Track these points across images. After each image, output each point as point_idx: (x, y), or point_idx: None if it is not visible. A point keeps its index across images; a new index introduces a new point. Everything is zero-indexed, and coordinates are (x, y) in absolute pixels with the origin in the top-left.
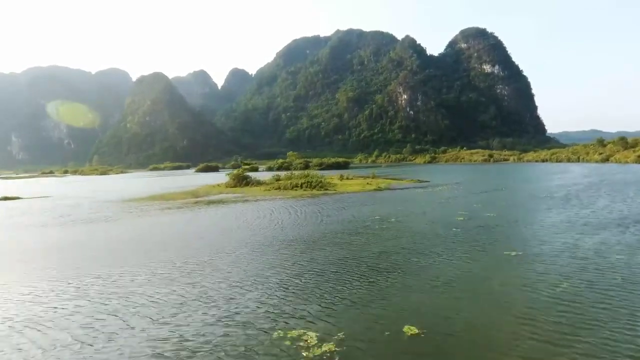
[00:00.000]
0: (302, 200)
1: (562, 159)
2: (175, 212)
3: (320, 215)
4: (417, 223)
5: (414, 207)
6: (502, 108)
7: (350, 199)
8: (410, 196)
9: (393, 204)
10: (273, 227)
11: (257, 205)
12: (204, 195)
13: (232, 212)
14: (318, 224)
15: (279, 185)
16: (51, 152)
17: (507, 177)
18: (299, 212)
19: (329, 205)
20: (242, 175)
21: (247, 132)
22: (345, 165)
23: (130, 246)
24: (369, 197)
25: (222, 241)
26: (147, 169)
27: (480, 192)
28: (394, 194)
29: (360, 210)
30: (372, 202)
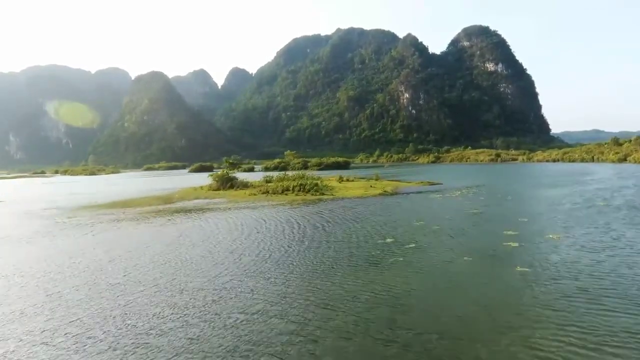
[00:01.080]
0: (290, 210)
1: (575, 159)
2: (122, 225)
3: (304, 235)
4: (453, 254)
5: (437, 221)
6: (506, 107)
7: (349, 208)
8: (426, 204)
9: (406, 215)
10: (226, 262)
11: (231, 217)
12: (178, 200)
13: (193, 228)
14: (296, 257)
15: (267, 189)
16: (49, 151)
17: (527, 178)
18: (278, 229)
19: (321, 218)
20: (227, 177)
21: (247, 131)
22: (346, 165)
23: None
24: (374, 204)
25: (131, 292)
26: (142, 169)
27: (510, 198)
28: (405, 200)
29: (363, 226)
30: (378, 212)
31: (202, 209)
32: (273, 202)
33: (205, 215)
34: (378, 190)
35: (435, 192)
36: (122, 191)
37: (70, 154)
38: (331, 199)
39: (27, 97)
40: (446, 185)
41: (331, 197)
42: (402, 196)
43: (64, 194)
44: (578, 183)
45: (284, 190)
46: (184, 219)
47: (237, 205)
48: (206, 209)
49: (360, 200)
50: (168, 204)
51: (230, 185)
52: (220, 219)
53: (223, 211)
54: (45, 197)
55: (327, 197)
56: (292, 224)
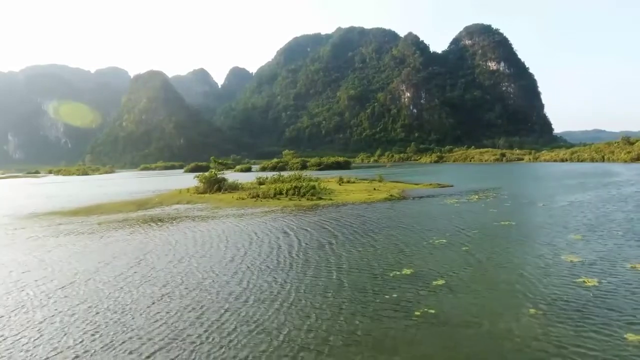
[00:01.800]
0: (280, 219)
1: (584, 159)
2: (68, 241)
3: (289, 256)
4: (505, 302)
5: (463, 238)
6: (508, 106)
7: (350, 218)
8: (442, 212)
9: (422, 228)
10: (183, 319)
11: (209, 230)
12: (155, 205)
13: (155, 249)
14: (270, 313)
15: (257, 192)
16: (48, 151)
17: (545, 179)
18: (259, 249)
19: (314, 232)
20: (214, 179)
21: (247, 131)
22: (346, 165)
23: None
24: (379, 212)
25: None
26: (138, 169)
27: (542, 205)
28: (415, 206)
29: (368, 247)
30: (385, 223)
31: (178, 218)
32: (263, 208)
33: (178, 226)
34: (383, 193)
35: (448, 196)
36: (103, 194)
37: (69, 153)
38: (330, 205)
39: (26, 97)
40: (458, 187)
41: (330, 202)
42: (412, 201)
43: (40, 196)
44: (609, 185)
45: (276, 193)
46: (149, 232)
47: (220, 213)
48: (183, 217)
49: (363, 206)
50: (141, 210)
51: (218, 188)
52: (196, 232)
53: (202, 221)
54: (17, 201)
55: (325, 203)
56: (276, 242)
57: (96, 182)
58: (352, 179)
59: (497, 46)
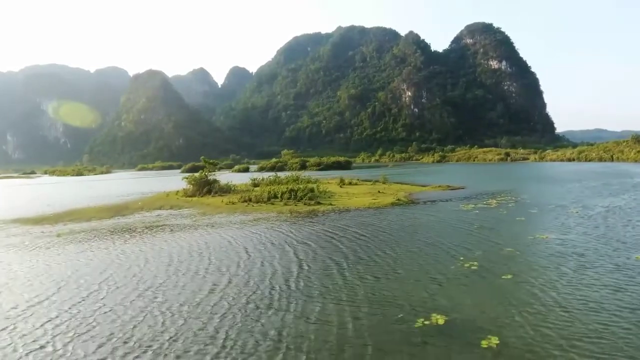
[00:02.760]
0: (274, 229)
1: (592, 158)
2: (14, 259)
3: (287, 288)
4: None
5: (497, 259)
6: (510, 105)
7: (352, 228)
8: (460, 220)
9: (444, 244)
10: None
11: (188, 244)
12: (136, 210)
13: (114, 268)
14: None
15: (250, 196)
16: (47, 151)
17: (563, 181)
18: (241, 274)
19: (316, 247)
20: (204, 180)
21: (246, 130)
22: (347, 165)
23: None
24: (387, 221)
25: None
26: (135, 169)
27: (577, 212)
28: (428, 213)
29: (382, 273)
30: (399, 238)
31: (155, 227)
32: (254, 214)
33: (152, 240)
34: (389, 197)
35: (461, 200)
36: (88, 196)
37: (68, 153)
38: (330, 211)
39: (25, 96)
40: (470, 189)
41: (329, 207)
42: (423, 207)
43: (22, 198)
44: (638, 187)
45: (270, 197)
46: (115, 248)
47: (205, 221)
48: (161, 226)
49: (368, 213)
50: (118, 216)
51: (208, 191)
52: (172, 248)
53: (182, 232)
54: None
55: (325, 208)
56: (269, 264)
57: (88, 183)
58: (353, 181)
59: (499, 45)
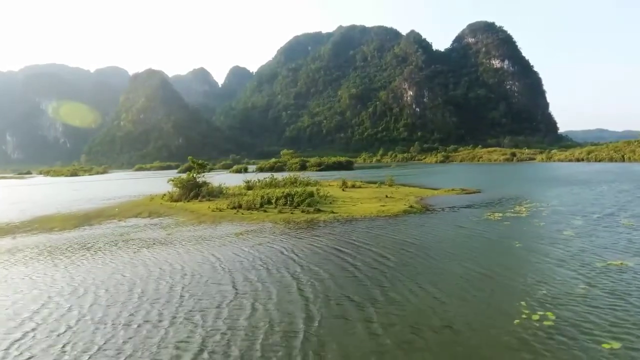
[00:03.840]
0: (266, 246)
1: (602, 158)
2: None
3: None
4: None
5: (584, 309)
6: (512, 105)
7: (366, 246)
8: (497, 236)
9: (487, 275)
10: None
11: (157, 266)
12: (109, 217)
13: (43, 315)
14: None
15: (240, 202)
16: (47, 151)
17: (585, 182)
18: (224, 324)
19: (322, 274)
20: (193, 183)
21: (246, 130)
22: (349, 166)
23: None
24: (406, 235)
25: None
26: (133, 169)
27: (626, 220)
28: (453, 224)
29: (415, 326)
30: (427, 264)
31: (121, 242)
32: (243, 224)
33: (113, 259)
34: (399, 203)
35: (483, 206)
36: (70, 200)
37: (68, 153)
38: (332, 220)
39: (25, 96)
40: (487, 193)
41: (331, 215)
42: (442, 215)
43: (3, 201)
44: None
45: (263, 203)
46: (60, 272)
47: (184, 234)
48: (128, 241)
49: (378, 223)
50: (85, 225)
51: (195, 195)
52: (135, 274)
53: (150, 248)
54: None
55: (327, 217)
56: (262, 305)
57: (80, 184)
58: (357, 183)
59: (501, 44)
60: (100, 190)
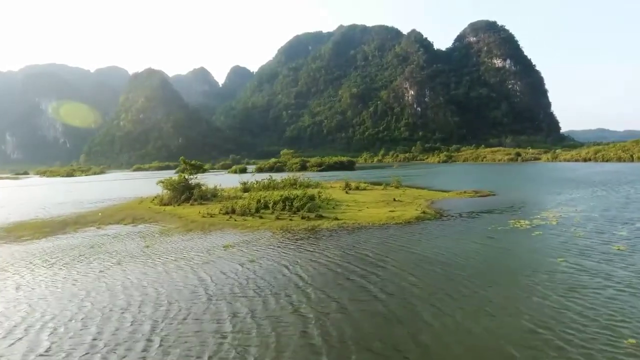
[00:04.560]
0: (262, 262)
1: (610, 158)
2: None
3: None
4: None
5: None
6: (514, 104)
7: (382, 263)
8: (538, 254)
9: (540, 310)
10: None
11: (124, 292)
12: (88, 224)
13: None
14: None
15: (233, 207)
16: (46, 151)
17: (607, 183)
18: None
19: (325, 324)
20: (184, 185)
21: (247, 130)
22: (350, 166)
23: None
24: (425, 248)
25: None
26: (131, 169)
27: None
28: (478, 236)
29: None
30: (452, 291)
31: (89, 255)
32: (235, 232)
33: (67, 280)
34: (410, 208)
35: (504, 212)
36: (56, 202)
37: (68, 153)
38: (336, 229)
39: (25, 96)
40: (502, 196)
41: (335, 223)
42: (460, 223)
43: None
44: None
45: (259, 208)
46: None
47: (163, 247)
48: (98, 254)
49: (390, 233)
50: (58, 234)
51: (187, 198)
52: (95, 302)
53: (120, 265)
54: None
55: (330, 224)
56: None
57: (73, 185)
58: (361, 184)
59: (503, 43)
60: (93, 191)
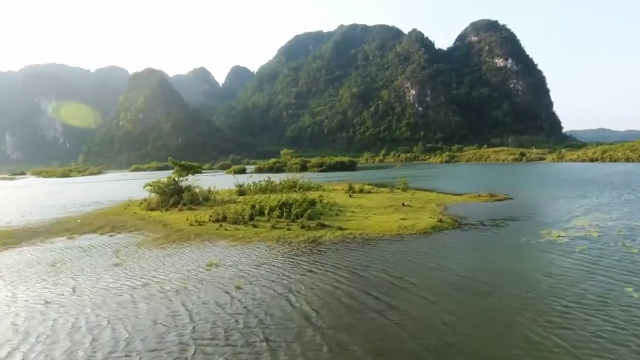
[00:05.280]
0: (243, 297)
1: (618, 158)
2: None
3: None
4: None
5: None
6: (516, 104)
7: (402, 295)
8: (602, 282)
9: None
10: None
11: (66, 335)
12: (59, 233)
13: None
14: None
15: (224, 213)
16: (46, 151)
17: (631, 186)
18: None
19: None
20: (174, 188)
21: (247, 130)
22: (352, 166)
23: None
24: (451, 267)
25: None
26: (129, 170)
27: None
28: (510, 252)
29: None
30: (499, 345)
31: (47, 275)
32: (224, 244)
33: (3, 312)
34: (423, 215)
35: (527, 219)
36: (40, 206)
37: (67, 153)
38: (340, 241)
39: (25, 96)
40: (520, 200)
41: (339, 233)
42: (482, 233)
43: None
44: None
45: (253, 215)
46: None
47: (137, 263)
48: (58, 274)
49: (404, 246)
50: (24, 244)
51: (175, 202)
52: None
53: (82, 289)
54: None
55: (333, 235)
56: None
57: (67, 186)
58: (365, 186)
59: (505, 42)
60: (86, 193)
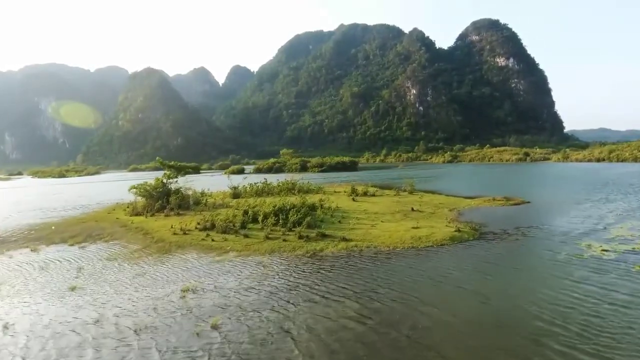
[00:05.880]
0: (220, 329)
1: (626, 158)
2: None
3: None
4: None
5: None
6: (518, 104)
7: (432, 345)
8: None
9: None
10: None
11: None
12: (33, 241)
13: None
14: None
15: (213, 220)
16: (46, 151)
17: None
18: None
19: None
20: (161, 191)
21: (247, 130)
22: (353, 166)
23: None
24: (486, 292)
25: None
26: (127, 170)
27: None
28: (547, 272)
29: None
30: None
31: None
32: (207, 260)
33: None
34: (436, 221)
35: (555, 226)
36: (32, 207)
37: (67, 153)
38: (344, 255)
39: (24, 96)
40: (538, 204)
41: (343, 246)
42: (510, 245)
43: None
44: None
45: (245, 223)
46: None
47: (100, 287)
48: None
49: (421, 263)
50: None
51: (161, 207)
52: None
53: (17, 329)
54: None
55: (335, 248)
56: None
57: (62, 187)
58: (369, 189)
59: (506, 41)
60: (79, 195)
